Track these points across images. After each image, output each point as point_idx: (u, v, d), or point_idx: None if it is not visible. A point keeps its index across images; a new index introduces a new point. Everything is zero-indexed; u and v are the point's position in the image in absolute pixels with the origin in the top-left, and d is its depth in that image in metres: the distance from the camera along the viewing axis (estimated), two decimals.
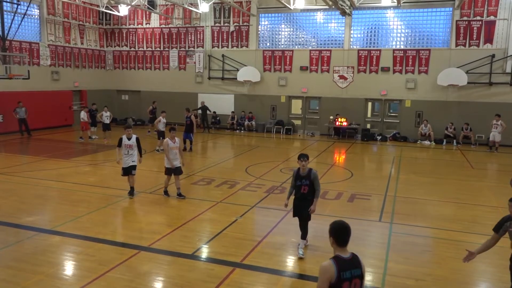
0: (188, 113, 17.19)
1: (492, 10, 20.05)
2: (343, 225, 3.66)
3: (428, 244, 8.01)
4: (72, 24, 24.69)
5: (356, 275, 3.55)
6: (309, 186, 7.25)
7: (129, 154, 10.36)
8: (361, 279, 3.60)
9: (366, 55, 22.17)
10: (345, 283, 3.48)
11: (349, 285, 3.50)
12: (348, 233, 3.62)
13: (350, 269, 3.53)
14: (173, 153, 10.30)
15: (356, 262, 3.61)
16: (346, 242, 3.60)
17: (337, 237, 3.62)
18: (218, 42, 24.87)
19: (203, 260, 7.11)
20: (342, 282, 3.47)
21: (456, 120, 20.64)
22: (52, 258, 6.93)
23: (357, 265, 3.60)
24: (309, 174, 7.26)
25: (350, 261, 3.57)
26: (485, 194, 11.63)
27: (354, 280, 3.54)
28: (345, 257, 3.57)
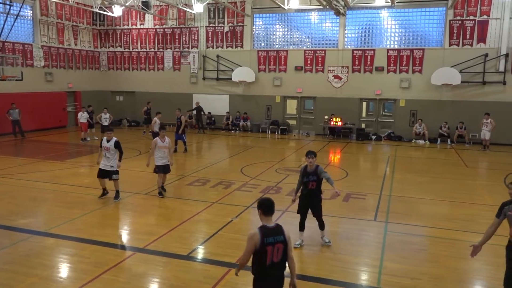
0: (179, 113, 17.08)
1: (485, 9, 20.18)
2: (268, 200, 4.38)
3: (424, 243, 8.03)
4: (65, 25, 24.57)
5: (279, 240, 4.23)
6: (316, 182, 7.42)
7: (107, 157, 10.07)
8: (284, 244, 4.26)
9: (361, 55, 22.23)
10: (269, 247, 4.16)
11: (273, 249, 4.19)
12: (272, 207, 4.33)
13: (273, 236, 4.21)
14: (162, 152, 10.50)
15: (280, 230, 4.29)
16: (270, 214, 4.32)
17: (263, 210, 4.30)
18: (212, 43, 24.85)
19: (199, 261, 7.09)
20: (265, 246, 4.14)
21: (450, 119, 20.75)
22: (47, 261, 6.89)
23: (280, 233, 4.27)
24: (316, 170, 7.40)
25: (273, 229, 4.25)
26: (479, 193, 11.69)
27: (277, 245, 4.22)
28: (269, 226, 4.27)
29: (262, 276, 4.27)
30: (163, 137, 10.55)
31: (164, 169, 10.62)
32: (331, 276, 6.50)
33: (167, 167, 10.66)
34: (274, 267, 4.23)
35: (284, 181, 12.55)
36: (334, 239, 8.29)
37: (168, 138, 10.74)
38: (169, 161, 10.68)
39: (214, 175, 13.15)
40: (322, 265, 6.88)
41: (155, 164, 10.58)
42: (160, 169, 10.55)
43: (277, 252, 4.21)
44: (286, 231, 4.32)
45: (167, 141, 10.58)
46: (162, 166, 10.54)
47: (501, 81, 20.09)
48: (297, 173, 13.74)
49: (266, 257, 4.17)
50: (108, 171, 10.15)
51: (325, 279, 6.38)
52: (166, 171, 10.71)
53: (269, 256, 4.18)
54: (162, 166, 10.55)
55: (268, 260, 4.18)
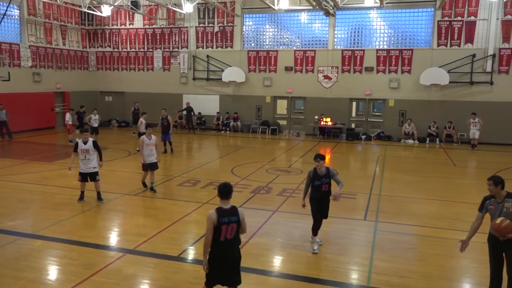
0: (165, 113, 16.85)
1: (472, 10, 20.42)
2: (225, 186, 5.02)
3: (413, 242, 8.10)
4: (53, 24, 24.32)
5: (233, 220, 4.91)
6: (329, 184, 7.42)
7: (87, 159, 9.88)
8: (238, 224, 4.95)
9: (350, 55, 22.35)
10: (224, 226, 4.85)
11: (227, 228, 4.88)
12: (228, 191, 4.99)
13: (228, 216, 4.89)
14: (149, 149, 10.84)
15: (234, 211, 4.96)
16: (226, 197, 4.98)
17: (220, 194, 4.98)
18: (202, 43, 24.79)
19: (189, 261, 7.07)
20: (221, 225, 4.83)
21: (438, 119, 20.96)
22: (35, 263, 6.81)
23: (234, 214, 4.94)
24: (328, 172, 7.36)
25: (229, 211, 4.93)
26: (467, 192, 11.82)
27: (231, 225, 4.91)
28: (225, 207, 4.94)
29: (216, 249, 4.93)
30: (149, 135, 10.88)
31: (152, 167, 10.96)
32: (322, 275, 6.53)
33: (154, 164, 11.00)
34: (227, 243, 4.92)
35: (274, 181, 12.57)
36: (324, 238, 8.32)
37: (154, 136, 11.07)
38: (156, 158, 10.98)
39: (204, 176, 13.12)
40: (312, 264, 6.91)
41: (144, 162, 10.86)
42: (147, 167, 10.89)
43: (231, 230, 4.92)
44: (241, 213, 4.99)
45: (153, 139, 10.91)
46: (149, 164, 10.88)
47: (488, 81, 20.35)
48: (287, 173, 13.89)
49: (221, 234, 4.85)
50: (92, 173, 10.02)
51: (315, 279, 6.40)
52: (154, 168, 11.04)
53: (223, 234, 4.87)
54: (149, 164, 10.87)
55: (222, 237, 4.87)
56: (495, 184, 5.41)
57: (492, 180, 5.46)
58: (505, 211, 5.33)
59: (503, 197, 5.41)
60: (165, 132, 16.59)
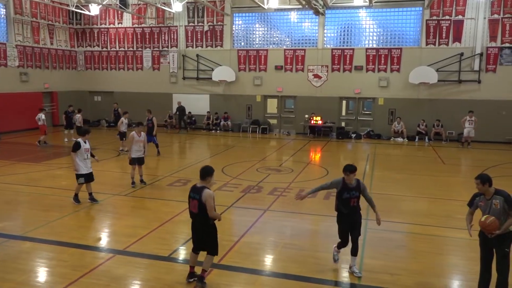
0: (150, 115, 16.48)
1: (460, 9, 20.62)
2: (203, 168, 5.98)
3: (403, 239, 8.16)
4: (41, 24, 24.03)
5: (195, 198, 5.83)
6: (358, 199, 6.49)
7: (88, 158, 9.92)
8: (199, 202, 5.76)
9: (340, 54, 22.43)
10: (189, 200, 5.95)
11: (190, 202, 5.93)
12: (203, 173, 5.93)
13: (193, 192, 5.88)
14: (138, 145, 11.51)
15: (199, 190, 5.82)
16: (201, 178, 5.92)
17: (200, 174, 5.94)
18: (192, 42, 24.69)
19: (180, 261, 7.04)
20: (189, 198, 5.96)
21: (427, 117, 21.14)
22: (23, 265, 6.72)
23: (198, 192, 5.79)
24: (358, 185, 6.43)
25: (196, 188, 5.87)
26: (456, 189, 11.94)
27: (193, 201, 5.87)
28: (197, 186, 5.92)
29: None
30: (139, 132, 11.51)
31: (139, 161, 11.63)
32: (312, 274, 6.54)
33: (141, 159, 11.69)
34: (192, 214, 6.00)
35: (265, 180, 12.57)
36: (314, 237, 8.35)
37: (143, 133, 11.82)
38: (144, 154, 11.72)
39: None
40: (303, 263, 6.91)
41: (131, 157, 11.46)
42: (135, 161, 11.51)
43: (194, 205, 5.84)
44: (204, 195, 5.74)
45: (142, 136, 11.63)
46: (137, 158, 11.52)
47: (476, 79, 20.57)
48: (278, 172, 13.89)
49: (189, 206, 5.99)
50: (91, 173, 10.03)
51: (306, 277, 6.42)
52: (141, 163, 11.72)
53: (189, 205, 5.97)
54: (137, 158, 11.53)
55: (188, 208, 6.02)
56: (483, 183, 5.51)
57: (479, 179, 5.55)
58: (493, 208, 5.45)
59: (491, 194, 5.52)
60: (149, 133, 15.86)
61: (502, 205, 5.40)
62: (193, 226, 6.04)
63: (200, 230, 5.95)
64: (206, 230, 5.93)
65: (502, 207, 5.40)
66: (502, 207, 5.40)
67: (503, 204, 5.40)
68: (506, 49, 20.20)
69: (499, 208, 5.42)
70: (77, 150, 9.67)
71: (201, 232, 5.96)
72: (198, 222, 5.93)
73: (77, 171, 9.78)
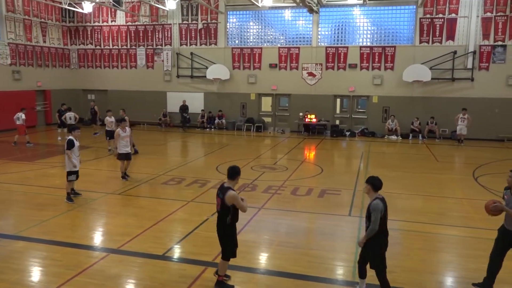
0: (124, 114, 16.36)
1: (453, 8, 20.72)
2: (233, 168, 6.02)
3: (397, 237, 8.18)
4: (33, 21, 23.84)
5: (219, 196, 5.88)
6: None
7: (77, 156, 10.08)
8: (222, 201, 5.78)
9: (334, 52, 22.46)
10: (216, 197, 5.97)
11: (216, 199, 5.95)
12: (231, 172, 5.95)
13: (220, 191, 5.89)
14: (124, 141, 11.94)
15: (224, 190, 5.81)
16: (229, 176, 5.93)
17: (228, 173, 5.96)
18: (186, 40, 24.61)
19: (175, 260, 7.03)
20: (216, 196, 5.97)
21: (421, 115, 21.23)
22: (16, 265, 6.67)
23: (223, 192, 5.79)
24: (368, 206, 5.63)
25: (223, 188, 5.87)
26: (449, 187, 12.01)
27: (217, 199, 5.89)
28: (224, 185, 5.90)
29: None
30: (124, 128, 11.90)
31: (127, 156, 12.02)
32: (307, 272, 6.55)
33: (129, 154, 12.10)
34: (217, 212, 5.97)
35: (260, 178, 12.57)
36: (309, 235, 8.37)
37: (128, 128, 12.23)
38: (130, 149, 12.18)
39: (189, 174, 13.05)
40: (297, 261, 6.92)
41: (119, 152, 11.89)
42: (123, 156, 11.94)
43: (218, 204, 5.90)
44: (228, 197, 5.70)
45: (128, 131, 12.02)
46: (124, 153, 11.94)
47: (469, 77, 20.69)
48: (273, 170, 13.89)
49: None
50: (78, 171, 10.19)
51: (301, 275, 6.43)
52: (129, 158, 12.12)
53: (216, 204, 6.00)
54: (125, 153, 11.95)
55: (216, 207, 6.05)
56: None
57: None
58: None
59: None
60: None
61: None
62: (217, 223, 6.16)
63: (217, 228, 6.02)
64: (222, 229, 5.95)
65: None
66: None
67: None
68: (499, 47, 20.32)
69: None
70: (72, 148, 9.78)
71: (217, 230, 6.03)
72: (218, 219, 5.99)
73: (70, 168, 9.84)
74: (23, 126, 17.76)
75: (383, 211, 5.40)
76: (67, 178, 9.99)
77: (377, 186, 5.58)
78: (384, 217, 5.49)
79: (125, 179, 11.97)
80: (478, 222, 8.82)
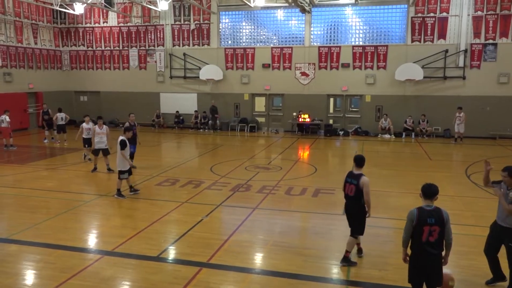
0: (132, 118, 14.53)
1: (444, 6, 20.86)
2: (360, 157, 6.77)
3: (390, 235, 8.24)
4: (24, 23, 23.67)
5: (352, 182, 6.66)
6: None
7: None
8: (356, 186, 6.55)
9: (327, 51, 22.53)
10: (346, 184, 6.84)
11: (347, 186, 6.77)
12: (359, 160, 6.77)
13: (350, 178, 6.76)
14: (99, 137, 12.84)
15: (357, 176, 6.61)
16: (357, 164, 6.74)
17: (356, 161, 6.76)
18: (179, 41, 24.56)
19: (169, 261, 7.02)
20: (345, 183, 6.84)
21: (413, 114, 21.35)
22: (9, 268, 6.63)
23: (356, 178, 6.59)
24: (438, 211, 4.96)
25: (354, 175, 6.71)
26: (442, 184, 11.98)
27: (350, 186, 6.71)
28: (354, 172, 6.75)
29: None
30: (100, 125, 12.84)
31: (104, 152, 12.87)
32: (301, 271, 6.57)
33: (105, 150, 12.92)
34: (347, 197, 6.84)
35: (254, 178, 12.58)
36: (303, 234, 8.40)
37: (105, 125, 13.03)
38: (106, 145, 12.86)
39: (183, 175, 13.03)
40: (292, 260, 6.94)
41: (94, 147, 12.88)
42: (98, 152, 12.84)
43: (351, 189, 6.66)
44: (362, 182, 6.50)
45: (104, 128, 12.86)
46: (99, 149, 12.80)
47: (461, 76, 20.85)
48: (267, 170, 13.91)
49: (344, 189, 6.85)
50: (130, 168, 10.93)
51: (295, 274, 6.44)
52: (106, 154, 12.95)
53: (344, 189, 6.82)
54: (101, 149, 12.79)
55: (344, 191, 6.86)
56: (510, 175, 5.66)
57: (507, 171, 5.68)
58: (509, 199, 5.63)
59: None
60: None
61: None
62: (346, 208, 6.85)
63: (351, 210, 6.72)
64: (357, 211, 6.65)
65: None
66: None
67: None
68: (489, 45, 20.50)
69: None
70: (125, 147, 10.29)
71: (351, 212, 6.73)
72: (352, 203, 6.66)
73: (123, 167, 10.32)
74: (8, 128, 17.35)
75: None
76: (119, 177, 10.39)
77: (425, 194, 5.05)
78: None
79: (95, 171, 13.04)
80: (469, 219, 8.90)
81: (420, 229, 4.80)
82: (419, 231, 4.80)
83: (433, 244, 4.80)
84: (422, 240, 4.79)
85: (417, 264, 4.92)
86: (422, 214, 4.82)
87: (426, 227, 4.77)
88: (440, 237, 4.81)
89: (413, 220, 4.84)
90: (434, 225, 4.77)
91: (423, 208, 4.90)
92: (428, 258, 4.84)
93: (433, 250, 4.82)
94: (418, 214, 4.83)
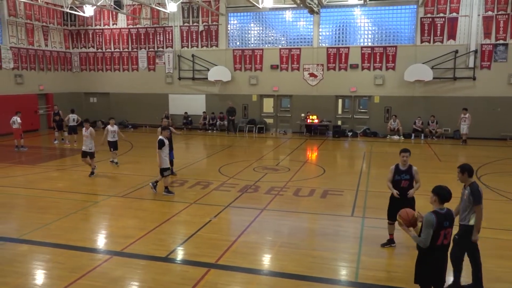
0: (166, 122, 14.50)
1: (454, 7, 20.70)
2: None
3: (399, 237, 8.16)
4: (35, 25, 23.94)
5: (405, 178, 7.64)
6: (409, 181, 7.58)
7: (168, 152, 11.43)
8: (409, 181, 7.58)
9: (335, 52, 22.46)
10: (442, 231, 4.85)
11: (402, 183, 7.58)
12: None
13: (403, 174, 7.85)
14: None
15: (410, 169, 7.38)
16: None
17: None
18: (187, 42, 24.65)
19: (178, 262, 7.04)
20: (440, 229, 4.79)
21: (423, 115, 21.20)
22: (20, 268, 6.70)
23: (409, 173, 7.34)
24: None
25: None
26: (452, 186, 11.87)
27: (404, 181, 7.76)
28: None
29: None
30: (87, 128, 13.07)
31: (90, 155, 13.06)
32: (310, 272, 6.55)
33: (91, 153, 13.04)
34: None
35: (262, 179, 12.58)
36: (311, 236, 8.37)
37: (91, 128, 13.11)
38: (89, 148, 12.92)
39: (192, 176, 13.07)
40: (300, 262, 6.92)
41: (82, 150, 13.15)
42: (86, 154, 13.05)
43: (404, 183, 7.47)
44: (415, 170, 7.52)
45: (88, 131, 13.02)
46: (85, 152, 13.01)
47: (471, 76, 20.65)
48: (275, 172, 13.90)
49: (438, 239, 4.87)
50: None
51: (303, 276, 6.43)
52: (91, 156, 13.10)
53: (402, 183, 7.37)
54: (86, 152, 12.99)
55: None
56: (462, 172, 5.82)
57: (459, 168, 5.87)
58: (464, 198, 5.80)
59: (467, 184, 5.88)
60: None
61: (468, 197, 5.71)
62: None
63: None
64: None
65: (467, 199, 5.72)
66: (468, 199, 5.71)
67: (469, 196, 5.71)
68: (500, 45, 20.28)
69: (465, 199, 5.75)
70: (163, 147, 10.54)
71: None
72: None
73: (164, 165, 10.67)
74: (19, 129, 17.56)
75: None
76: (163, 174, 10.72)
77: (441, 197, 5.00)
78: None
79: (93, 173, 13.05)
80: None
81: (437, 234, 4.75)
82: (436, 236, 4.75)
83: (446, 246, 4.87)
84: (437, 243, 4.77)
85: (430, 267, 4.87)
86: (440, 219, 4.77)
87: (442, 231, 4.76)
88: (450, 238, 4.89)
89: (433, 225, 4.72)
90: (448, 228, 4.81)
91: (438, 212, 4.83)
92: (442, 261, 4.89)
93: (445, 252, 4.90)
94: (437, 220, 4.75)
